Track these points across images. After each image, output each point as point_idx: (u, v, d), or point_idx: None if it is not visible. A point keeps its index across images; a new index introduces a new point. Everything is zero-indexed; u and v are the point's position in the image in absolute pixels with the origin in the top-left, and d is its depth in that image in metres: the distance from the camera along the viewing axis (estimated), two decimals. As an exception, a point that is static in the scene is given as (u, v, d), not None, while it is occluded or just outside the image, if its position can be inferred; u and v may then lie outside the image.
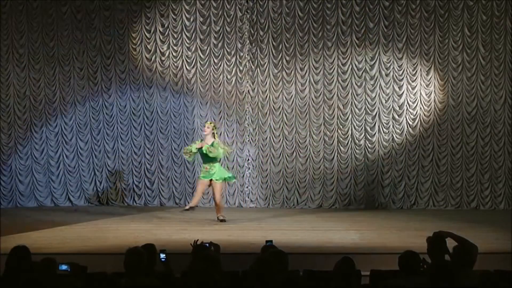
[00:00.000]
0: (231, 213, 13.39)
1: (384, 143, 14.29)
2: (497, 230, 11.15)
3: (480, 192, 14.23)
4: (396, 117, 14.27)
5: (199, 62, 14.42)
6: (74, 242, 9.94)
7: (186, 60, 14.43)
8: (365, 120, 14.33)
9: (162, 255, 6.13)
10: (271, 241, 6.63)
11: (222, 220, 11.87)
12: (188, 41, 14.43)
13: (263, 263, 5.19)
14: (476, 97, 14.17)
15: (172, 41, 14.43)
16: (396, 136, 14.28)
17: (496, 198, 14.18)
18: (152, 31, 14.45)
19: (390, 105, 14.27)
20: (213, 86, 14.43)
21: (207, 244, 6.36)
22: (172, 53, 14.43)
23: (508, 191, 14.14)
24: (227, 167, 14.51)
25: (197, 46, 14.42)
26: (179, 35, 14.42)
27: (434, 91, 14.22)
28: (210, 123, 12.20)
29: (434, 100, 14.23)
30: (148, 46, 14.46)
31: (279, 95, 14.42)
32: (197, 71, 14.43)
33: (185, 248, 6.31)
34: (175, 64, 14.44)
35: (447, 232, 6.09)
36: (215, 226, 11.56)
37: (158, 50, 14.45)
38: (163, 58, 14.44)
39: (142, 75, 14.46)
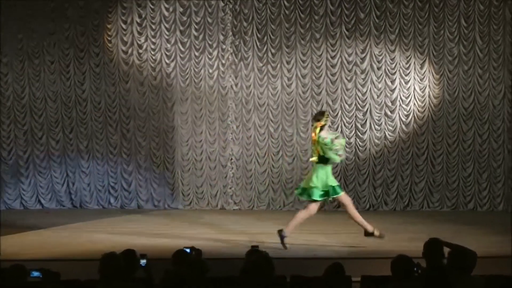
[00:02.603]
0: (214, 215, 13.44)
1: (376, 141, 14.35)
2: (496, 232, 11.22)
3: (477, 192, 14.32)
4: (389, 113, 14.33)
5: (179, 55, 14.42)
6: (46, 247, 9.92)
7: (165, 53, 14.43)
8: (355, 116, 14.38)
9: (143, 261, 6.15)
10: (257, 246, 6.66)
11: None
12: (167, 33, 14.42)
13: (248, 269, 5.21)
14: (473, 92, 14.25)
15: (150, 33, 14.42)
16: (388, 134, 14.35)
17: (494, 199, 14.27)
18: (128, 22, 14.43)
19: (382, 101, 14.33)
20: (194, 81, 14.43)
21: (188, 250, 6.38)
22: (150, 46, 14.42)
23: (507, 191, 14.22)
24: (209, 167, 14.53)
25: (177, 38, 14.42)
26: (158, 27, 14.42)
27: (429, 85, 14.29)
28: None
29: (429, 95, 14.30)
30: (125, 38, 14.43)
31: (264, 91, 14.44)
32: (177, 65, 14.42)
33: (166, 253, 6.33)
34: (154, 58, 14.43)
35: (444, 242, 6.12)
36: (197, 230, 11.58)
37: (135, 43, 14.43)
38: (140, 51, 14.43)
39: (118, 69, 14.44)
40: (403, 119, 14.31)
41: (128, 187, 14.54)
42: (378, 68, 14.31)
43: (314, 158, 9.99)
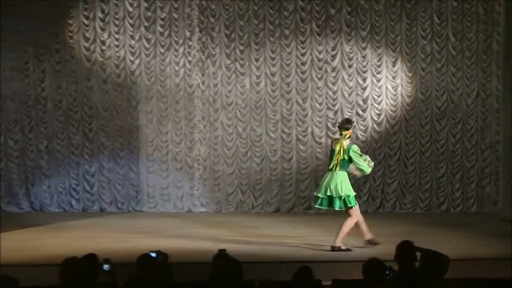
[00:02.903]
0: (180, 219, 13.41)
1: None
2: (470, 235, 11.34)
3: (450, 193, 14.44)
4: (360, 112, 14.40)
5: (144, 52, 14.37)
6: (4, 252, 9.81)
7: (129, 50, 14.37)
8: (326, 116, 14.44)
9: (106, 266, 6.13)
10: (224, 249, 6.66)
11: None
12: (131, 29, 14.37)
13: (216, 274, 5.21)
14: (446, 91, 14.38)
15: (114, 29, 14.35)
16: (360, 133, 14.42)
17: (467, 200, 14.40)
18: (91, 17, 14.35)
19: (353, 100, 14.40)
20: (160, 79, 14.40)
21: (154, 254, 6.37)
22: (113, 42, 14.36)
23: (480, 192, 14.37)
24: (175, 168, 14.50)
25: (142, 34, 14.37)
26: (121, 23, 14.36)
27: (401, 84, 14.39)
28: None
29: (401, 94, 14.40)
30: (87, 34, 14.35)
31: (232, 89, 14.44)
32: (142, 62, 14.38)
33: (131, 258, 6.32)
34: (117, 55, 14.37)
35: (416, 247, 6.18)
36: (162, 233, 11.55)
37: (98, 39, 14.36)
38: (103, 48, 14.36)
39: (80, 66, 14.36)
40: (375, 119, 14.40)
41: (90, 189, 14.45)
42: (349, 66, 14.39)
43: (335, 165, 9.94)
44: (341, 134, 9.99)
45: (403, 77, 14.38)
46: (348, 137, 9.98)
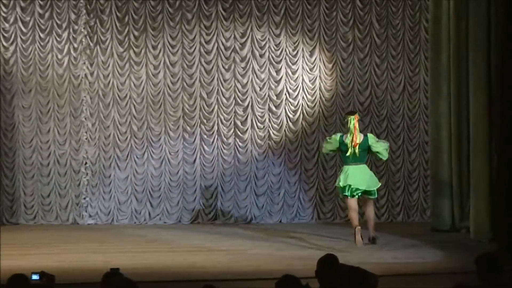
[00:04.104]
0: (64, 232, 13.22)
1: (259, 141, 14.44)
2: (397, 247, 11.51)
3: (375, 201, 14.59)
4: (273, 108, 14.45)
5: (20, 37, 14.15)
6: None
7: (2, 34, 14.12)
8: (234, 112, 14.44)
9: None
10: (117, 268, 6.57)
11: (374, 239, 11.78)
12: (4, 9, 14.13)
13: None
14: (370, 84, 14.55)
15: (-16, 9, 14.07)
16: (273, 132, 14.47)
17: (393, 208, 14.61)
18: (-44, -5, 14.02)
19: (265, 94, 14.44)
20: (39, 68, 14.20)
21: (37, 276, 6.21)
22: (-17, 25, 14.09)
23: (407, 199, 14.58)
24: (58, 173, 14.26)
25: (17, 16, 14.14)
26: (-7, 2, 14.08)
27: (320, 76, 14.51)
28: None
29: (320, 88, 14.52)
30: (-49, 16, 14.04)
31: (125, 81, 14.33)
32: (18, 48, 14.16)
33: (3, 278, 6.16)
34: (-12, 40, 14.11)
35: (340, 264, 6.20)
36: (42, 250, 11.34)
37: (-36, 21, 14.06)
38: (-29, 32, 14.08)
39: None
40: (290, 116, 14.45)
41: (-43, 198, 14.11)
42: (261, 56, 14.43)
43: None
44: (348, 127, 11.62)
45: (321, 69, 14.49)
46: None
